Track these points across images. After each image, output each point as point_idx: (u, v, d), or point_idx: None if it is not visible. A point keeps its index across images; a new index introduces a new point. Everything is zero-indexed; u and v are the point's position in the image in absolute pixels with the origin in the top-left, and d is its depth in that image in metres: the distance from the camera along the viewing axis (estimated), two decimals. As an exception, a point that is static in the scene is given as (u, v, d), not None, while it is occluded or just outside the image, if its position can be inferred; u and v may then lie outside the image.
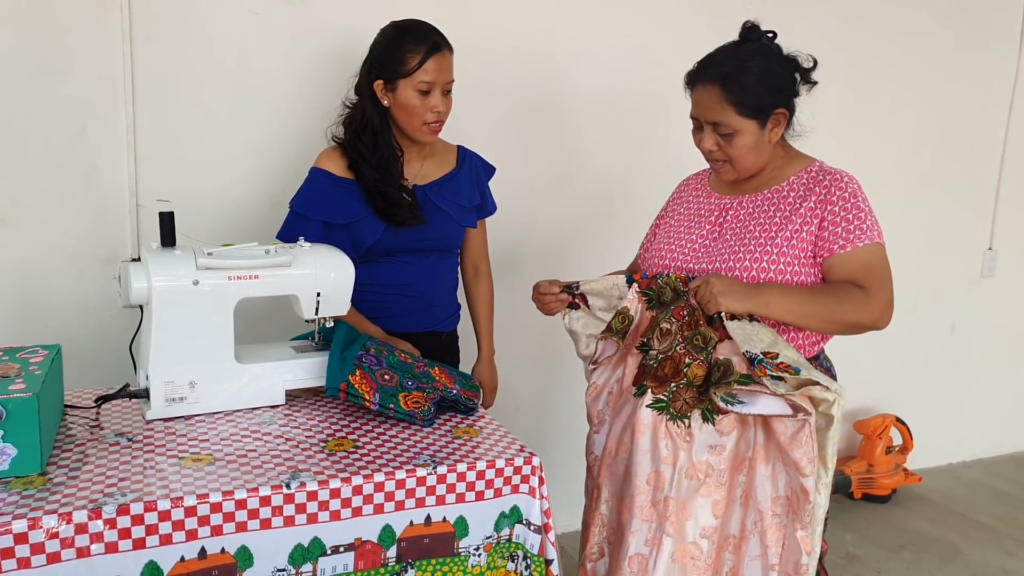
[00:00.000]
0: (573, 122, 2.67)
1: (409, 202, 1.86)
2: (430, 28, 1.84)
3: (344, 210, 1.84)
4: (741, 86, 1.58)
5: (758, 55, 1.60)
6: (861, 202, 1.60)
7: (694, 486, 1.51)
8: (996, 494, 3.40)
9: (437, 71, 1.80)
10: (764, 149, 1.64)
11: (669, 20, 2.71)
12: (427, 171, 1.95)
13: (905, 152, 3.25)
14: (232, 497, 1.24)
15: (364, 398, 1.53)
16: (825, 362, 1.73)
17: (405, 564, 1.36)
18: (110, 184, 2.12)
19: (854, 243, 1.57)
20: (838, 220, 1.58)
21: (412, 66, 1.78)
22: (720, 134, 1.62)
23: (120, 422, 1.51)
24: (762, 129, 1.61)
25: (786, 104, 1.62)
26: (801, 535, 1.49)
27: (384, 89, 1.83)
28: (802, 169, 1.66)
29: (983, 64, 3.31)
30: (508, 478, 1.42)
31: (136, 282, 1.47)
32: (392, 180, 1.86)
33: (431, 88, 1.80)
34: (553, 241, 2.72)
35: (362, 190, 1.85)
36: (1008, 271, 3.59)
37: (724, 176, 1.70)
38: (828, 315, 1.55)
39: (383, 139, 1.86)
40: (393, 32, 1.84)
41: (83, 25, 2.04)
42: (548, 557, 1.44)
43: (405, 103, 1.81)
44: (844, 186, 1.60)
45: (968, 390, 3.65)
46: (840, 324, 1.57)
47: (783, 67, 1.62)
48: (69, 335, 2.06)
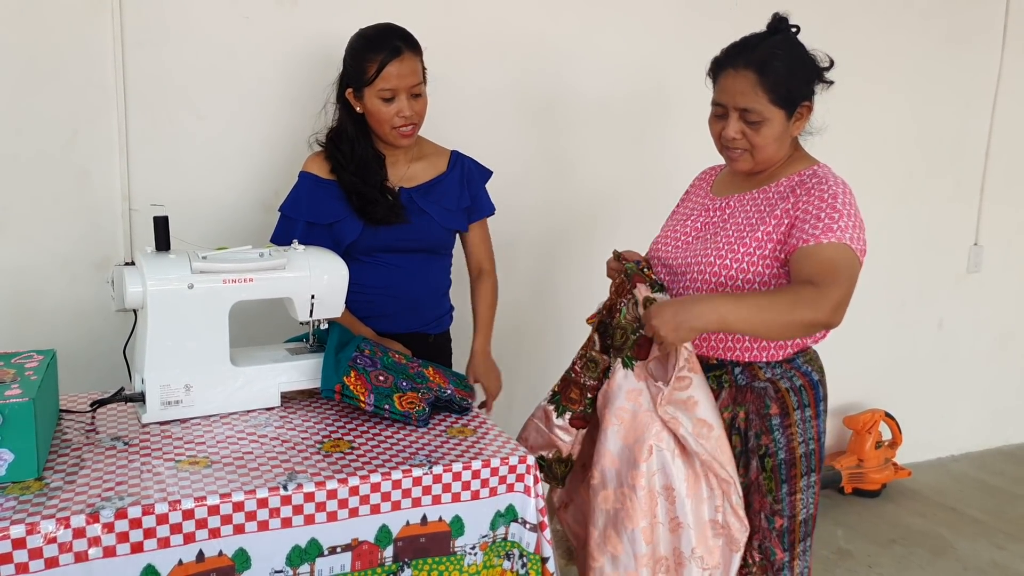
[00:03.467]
0: (566, 123, 2.68)
1: (389, 202, 1.88)
2: (391, 33, 1.84)
3: (326, 210, 1.87)
4: (776, 73, 1.55)
5: (791, 45, 1.59)
6: (840, 204, 1.53)
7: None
8: (985, 488, 3.43)
9: (397, 77, 1.81)
10: (786, 142, 1.62)
11: (659, 22, 2.73)
12: (414, 173, 1.97)
13: (890, 149, 3.27)
14: (229, 499, 1.25)
15: (359, 399, 1.54)
16: (805, 365, 1.66)
17: (402, 564, 1.37)
18: (103, 188, 2.12)
19: (818, 238, 1.49)
20: (808, 217, 1.53)
21: (371, 75, 1.81)
22: (747, 121, 1.58)
23: (116, 426, 1.51)
24: (788, 120, 1.59)
25: (810, 98, 1.61)
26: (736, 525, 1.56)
27: (354, 97, 1.87)
28: (798, 171, 1.63)
29: (967, 61, 3.34)
30: (503, 477, 1.43)
31: (131, 286, 1.48)
32: (372, 182, 1.88)
33: (394, 94, 1.82)
34: (545, 241, 2.73)
35: (343, 191, 1.88)
36: (994, 266, 3.62)
37: (740, 165, 1.65)
38: (786, 319, 1.44)
39: (360, 145, 1.89)
40: (356, 41, 1.87)
41: (74, 29, 2.03)
42: (544, 555, 1.45)
43: (372, 110, 1.85)
44: (827, 187, 1.55)
45: (956, 384, 3.67)
46: (798, 326, 1.46)
47: (809, 61, 1.60)
48: (63, 340, 2.06)
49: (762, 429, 1.62)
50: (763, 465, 1.62)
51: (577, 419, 1.72)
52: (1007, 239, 3.63)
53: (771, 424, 1.61)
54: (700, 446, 1.53)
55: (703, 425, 1.54)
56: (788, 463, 1.61)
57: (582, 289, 2.78)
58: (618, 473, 1.58)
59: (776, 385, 1.63)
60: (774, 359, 1.64)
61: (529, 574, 1.45)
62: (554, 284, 2.79)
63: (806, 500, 1.63)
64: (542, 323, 2.77)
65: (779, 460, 1.61)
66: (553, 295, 2.79)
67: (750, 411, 1.63)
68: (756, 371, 1.63)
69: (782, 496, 1.61)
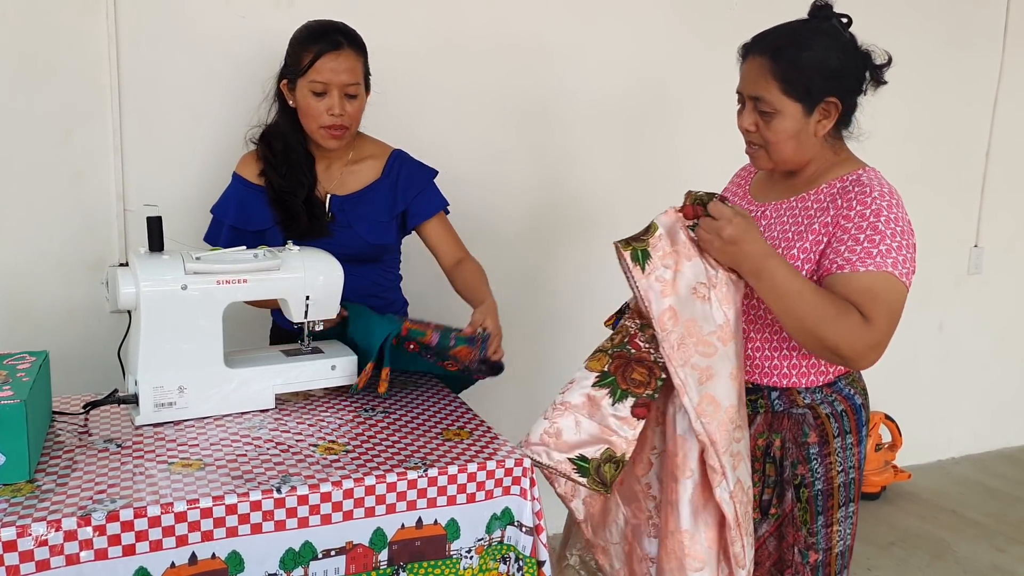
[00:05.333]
0: (563, 123, 2.67)
1: (311, 215, 1.80)
2: (335, 28, 1.77)
3: (254, 217, 1.83)
4: (791, 61, 1.43)
5: (821, 35, 1.45)
6: (883, 223, 1.38)
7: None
8: (985, 490, 3.42)
9: (331, 71, 1.73)
10: (807, 141, 1.48)
11: (657, 22, 2.72)
12: (347, 180, 1.88)
13: (890, 150, 3.25)
14: (222, 502, 1.24)
15: (424, 335, 1.58)
16: (847, 388, 1.55)
17: (397, 567, 1.36)
18: (97, 189, 2.11)
19: (855, 265, 1.37)
20: (846, 238, 1.40)
21: (304, 64, 1.74)
22: (760, 112, 1.47)
23: (109, 428, 1.50)
24: (807, 116, 1.45)
25: (841, 95, 1.45)
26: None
27: (288, 89, 1.80)
28: (840, 176, 1.48)
29: (968, 62, 3.34)
30: (499, 480, 1.42)
31: (124, 287, 1.47)
32: (298, 188, 1.80)
33: (326, 89, 1.74)
34: (541, 241, 2.73)
35: (269, 199, 1.82)
36: (994, 268, 3.61)
37: (759, 163, 1.55)
38: (813, 324, 1.35)
39: (291, 142, 1.82)
40: (299, 32, 1.81)
41: (69, 29, 2.03)
42: (540, 559, 1.43)
43: (303, 105, 1.77)
44: (869, 201, 1.40)
45: (957, 387, 3.67)
46: (817, 341, 1.36)
47: (848, 56, 1.46)
48: (56, 341, 2.05)
49: (799, 458, 1.52)
50: (798, 496, 1.52)
51: (642, 406, 1.44)
52: (1008, 241, 3.63)
53: (808, 453, 1.51)
54: (700, 424, 1.40)
55: (711, 402, 1.41)
56: (825, 494, 1.52)
57: (578, 290, 2.77)
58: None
59: (816, 411, 1.52)
60: (814, 384, 1.53)
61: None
62: (550, 285, 2.78)
63: (843, 532, 1.54)
64: (538, 324, 2.76)
65: (815, 491, 1.51)
66: (550, 296, 2.78)
67: (786, 439, 1.52)
68: (794, 396, 1.52)
69: (817, 529, 1.52)
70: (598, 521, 1.67)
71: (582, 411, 1.46)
